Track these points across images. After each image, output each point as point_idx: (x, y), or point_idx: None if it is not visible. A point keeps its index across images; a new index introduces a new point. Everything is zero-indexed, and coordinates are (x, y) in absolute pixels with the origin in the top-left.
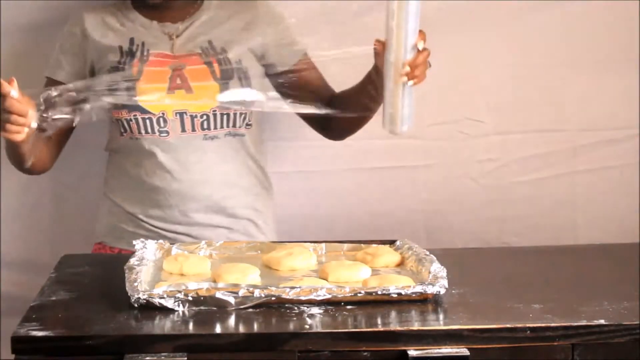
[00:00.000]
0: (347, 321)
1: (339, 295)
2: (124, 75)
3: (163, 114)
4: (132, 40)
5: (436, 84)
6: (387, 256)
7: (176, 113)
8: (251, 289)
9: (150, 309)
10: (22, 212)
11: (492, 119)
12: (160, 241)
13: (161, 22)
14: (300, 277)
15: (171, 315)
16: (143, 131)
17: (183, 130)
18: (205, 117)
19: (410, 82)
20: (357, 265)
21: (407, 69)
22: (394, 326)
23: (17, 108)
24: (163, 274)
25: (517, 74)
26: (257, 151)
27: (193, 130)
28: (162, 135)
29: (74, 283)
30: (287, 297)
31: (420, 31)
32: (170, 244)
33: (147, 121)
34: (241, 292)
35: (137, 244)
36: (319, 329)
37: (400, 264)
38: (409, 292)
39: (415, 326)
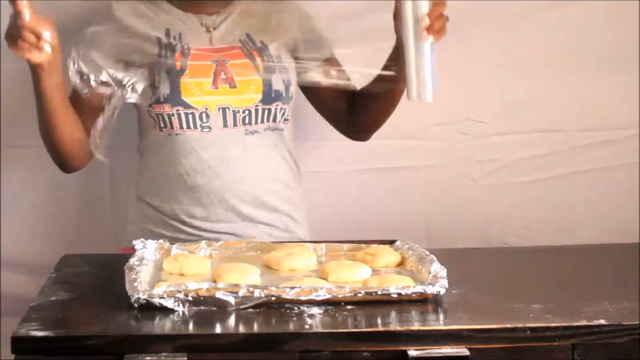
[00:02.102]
0: (347, 321)
1: (339, 295)
2: (167, 68)
3: (206, 109)
4: (168, 32)
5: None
6: (387, 256)
7: (219, 108)
8: (251, 289)
9: (150, 309)
10: (22, 212)
11: (492, 120)
12: (160, 241)
13: (197, 14)
14: (300, 277)
15: (171, 315)
16: (185, 126)
17: (225, 125)
18: (247, 112)
19: (431, 38)
20: (357, 265)
21: (427, 21)
22: (394, 326)
23: (30, 25)
24: (163, 274)
25: (517, 75)
26: (292, 145)
27: (235, 125)
28: (204, 130)
29: (74, 283)
30: (287, 297)
31: None
32: (171, 244)
33: (190, 116)
34: (241, 292)
35: (137, 244)
36: (319, 329)
37: (400, 264)
38: (409, 292)
39: (415, 326)
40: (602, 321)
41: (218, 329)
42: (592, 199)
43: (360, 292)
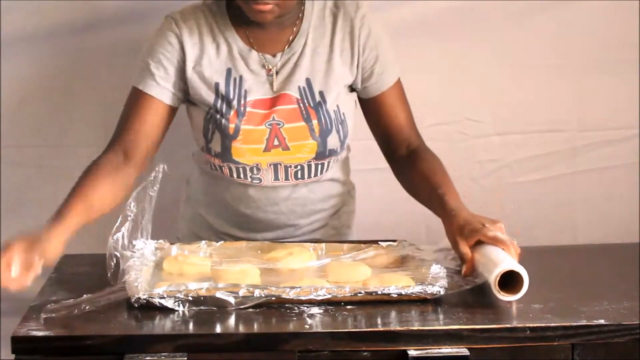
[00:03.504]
0: (347, 321)
1: (339, 295)
2: (220, 127)
3: (257, 164)
4: (229, 73)
5: (436, 84)
6: (387, 256)
7: (270, 164)
8: (251, 289)
9: (151, 309)
10: (22, 211)
11: (492, 120)
12: (160, 241)
13: (260, 51)
14: (300, 277)
15: (171, 315)
16: (235, 176)
17: (276, 178)
18: (299, 167)
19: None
20: (357, 265)
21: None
22: (394, 326)
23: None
24: (163, 274)
25: (517, 75)
26: (346, 166)
27: (287, 179)
28: (254, 182)
29: (74, 283)
30: (287, 297)
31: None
32: (171, 244)
33: (240, 169)
34: (241, 292)
35: (137, 244)
36: (319, 329)
37: (400, 264)
38: (409, 292)
39: (415, 326)
40: (602, 321)
41: (218, 329)
42: (592, 199)
43: (360, 292)
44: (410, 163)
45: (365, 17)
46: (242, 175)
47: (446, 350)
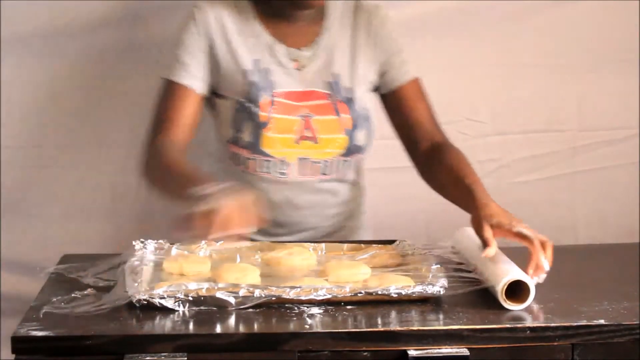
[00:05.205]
0: (347, 321)
1: (339, 295)
2: (251, 115)
3: (285, 158)
4: (257, 63)
5: (436, 84)
6: (387, 256)
7: (299, 158)
8: (251, 289)
9: (151, 309)
10: (23, 211)
11: (491, 120)
12: (161, 241)
13: (287, 45)
14: (300, 277)
15: (171, 315)
16: (260, 170)
17: (302, 174)
18: (327, 163)
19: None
20: (357, 265)
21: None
22: (394, 326)
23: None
24: (163, 274)
25: (517, 75)
26: (362, 169)
27: (312, 175)
28: (280, 177)
29: (74, 283)
30: (287, 297)
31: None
32: (171, 244)
33: (268, 163)
34: (241, 292)
35: (137, 244)
36: (319, 329)
37: (400, 264)
38: (409, 292)
39: (415, 326)
40: (602, 321)
41: (218, 329)
42: (591, 198)
43: (360, 292)
44: (434, 158)
45: (385, 15)
46: (268, 170)
47: (446, 350)
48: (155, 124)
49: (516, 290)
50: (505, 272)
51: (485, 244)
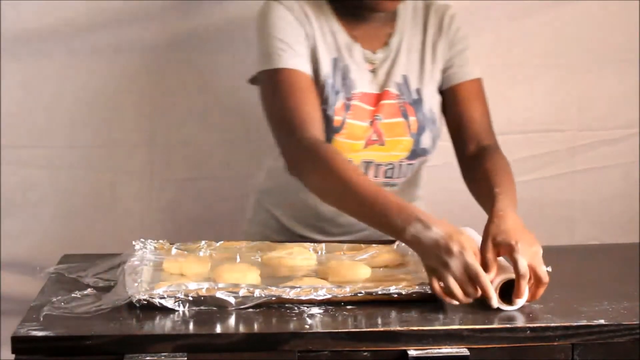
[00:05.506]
0: (347, 321)
1: (339, 295)
2: (326, 117)
3: (350, 160)
4: (335, 62)
5: None
6: (387, 256)
7: (363, 161)
8: (251, 289)
9: (151, 309)
10: (23, 211)
11: (492, 120)
12: (161, 241)
13: (362, 46)
14: (300, 277)
15: (171, 315)
16: None
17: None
18: (391, 166)
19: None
20: (357, 265)
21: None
22: (394, 326)
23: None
24: (163, 274)
25: (517, 75)
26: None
27: (376, 177)
28: None
29: (74, 283)
30: (287, 297)
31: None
32: (171, 244)
33: None
34: (241, 292)
35: (137, 244)
36: (319, 329)
37: (400, 264)
38: (409, 292)
39: (415, 326)
40: (602, 321)
41: (218, 329)
42: (591, 198)
43: (360, 292)
44: (476, 161)
45: (454, 15)
46: None
47: (446, 350)
48: (287, 121)
49: (510, 289)
50: (499, 273)
51: (484, 267)
